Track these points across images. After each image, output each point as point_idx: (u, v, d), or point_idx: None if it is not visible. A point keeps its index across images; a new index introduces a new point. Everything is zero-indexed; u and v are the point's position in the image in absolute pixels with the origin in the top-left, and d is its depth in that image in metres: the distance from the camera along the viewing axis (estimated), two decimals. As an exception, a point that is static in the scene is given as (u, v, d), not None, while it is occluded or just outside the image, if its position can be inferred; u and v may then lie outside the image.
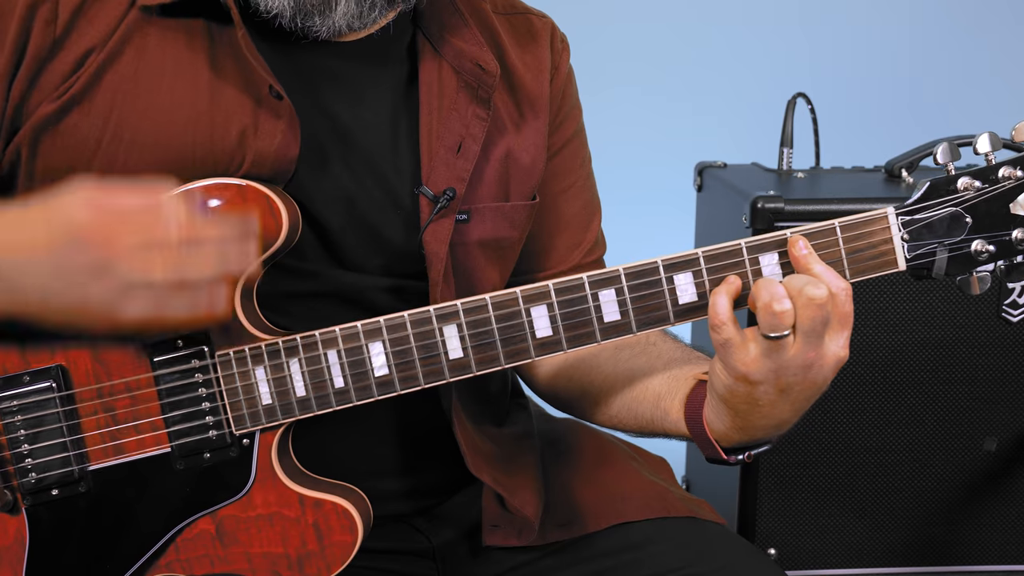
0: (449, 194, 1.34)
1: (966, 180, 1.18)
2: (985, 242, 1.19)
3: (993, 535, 2.09)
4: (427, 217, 1.34)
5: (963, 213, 1.18)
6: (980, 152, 1.18)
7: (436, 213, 1.34)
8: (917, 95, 3.30)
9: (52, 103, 1.27)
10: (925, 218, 1.19)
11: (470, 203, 1.39)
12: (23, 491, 1.28)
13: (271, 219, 1.24)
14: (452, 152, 1.36)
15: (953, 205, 1.18)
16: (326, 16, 1.29)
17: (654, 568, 1.35)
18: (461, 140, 1.36)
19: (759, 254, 1.20)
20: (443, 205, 1.34)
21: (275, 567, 1.29)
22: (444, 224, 1.35)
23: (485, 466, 1.40)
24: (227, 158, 1.28)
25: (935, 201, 1.19)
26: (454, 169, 1.36)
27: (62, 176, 1.26)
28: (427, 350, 1.24)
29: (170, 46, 1.29)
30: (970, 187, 1.18)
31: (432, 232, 1.35)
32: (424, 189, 1.35)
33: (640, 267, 1.21)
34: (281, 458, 1.29)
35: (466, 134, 1.37)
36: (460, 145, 1.36)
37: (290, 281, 1.33)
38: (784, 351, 1.16)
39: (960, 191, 1.18)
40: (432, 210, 1.34)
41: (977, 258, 1.19)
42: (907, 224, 1.19)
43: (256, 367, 1.25)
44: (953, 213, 1.18)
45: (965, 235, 1.19)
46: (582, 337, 1.23)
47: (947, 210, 1.19)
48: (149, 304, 1.12)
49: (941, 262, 1.19)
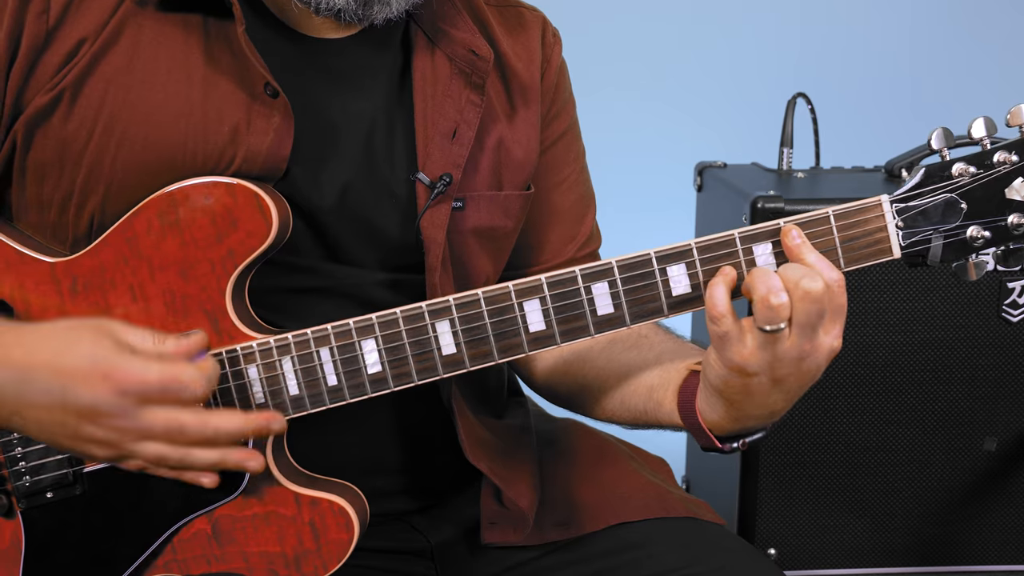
0: (446, 179, 1.33)
1: (961, 166, 1.16)
2: (981, 228, 1.17)
3: (993, 535, 2.08)
4: (423, 203, 1.33)
5: (958, 199, 1.17)
6: (975, 137, 1.17)
7: (433, 199, 1.33)
8: (917, 95, 3.30)
9: (45, 95, 1.25)
10: (919, 205, 1.17)
11: (465, 191, 1.38)
12: (18, 494, 1.26)
13: (260, 218, 1.22)
14: (447, 138, 1.35)
15: (948, 191, 1.17)
16: (385, 4, 1.29)
17: (653, 568, 1.33)
18: (456, 126, 1.36)
19: (752, 244, 1.18)
20: (440, 191, 1.33)
21: (272, 566, 1.27)
22: (441, 210, 1.34)
23: (483, 455, 1.39)
24: (218, 154, 1.26)
25: (929, 188, 1.17)
26: (449, 155, 1.35)
27: (52, 170, 1.25)
28: (420, 346, 1.22)
29: (165, 39, 1.27)
30: (965, 173, 1.16)
31: (429, 218, 1.34)
32: (420, 175, 1.34)
33: (633, 259, 1.20)
34: (277, 457, 1.27)
35: (460, 120, 1.36)
36: (455, 131, 1.35)
37: (285, 277, 1.32)
38: (780, 343, 1.14)
39: (955, 177, 1.17)
40: (428, 197, 1.33)
41: (973, 244, 1.17)
42: (901, 211, 1.18)
43: (248, 366, 1.23)
44: (948, 199, 1.17)
45: (960, 221, 1.17)
46: (575, 331, 1.21)
47: (942, 196, 1.17)
48: (148, 466, 1.18)
49: (936, 249, 1.17)
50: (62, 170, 1.26)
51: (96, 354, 1.12)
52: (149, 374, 1.12)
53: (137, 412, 1.13)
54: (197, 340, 1.18)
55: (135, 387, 1.12)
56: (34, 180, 1.28)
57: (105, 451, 1.16)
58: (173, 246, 1.22)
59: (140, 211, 1.23)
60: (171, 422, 1.14)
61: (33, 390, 1.13)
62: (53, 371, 1.13)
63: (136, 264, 1.23)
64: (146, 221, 1.22)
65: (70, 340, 1.14)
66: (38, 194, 1.28)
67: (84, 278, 1.24)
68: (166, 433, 1.14)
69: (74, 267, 1.24)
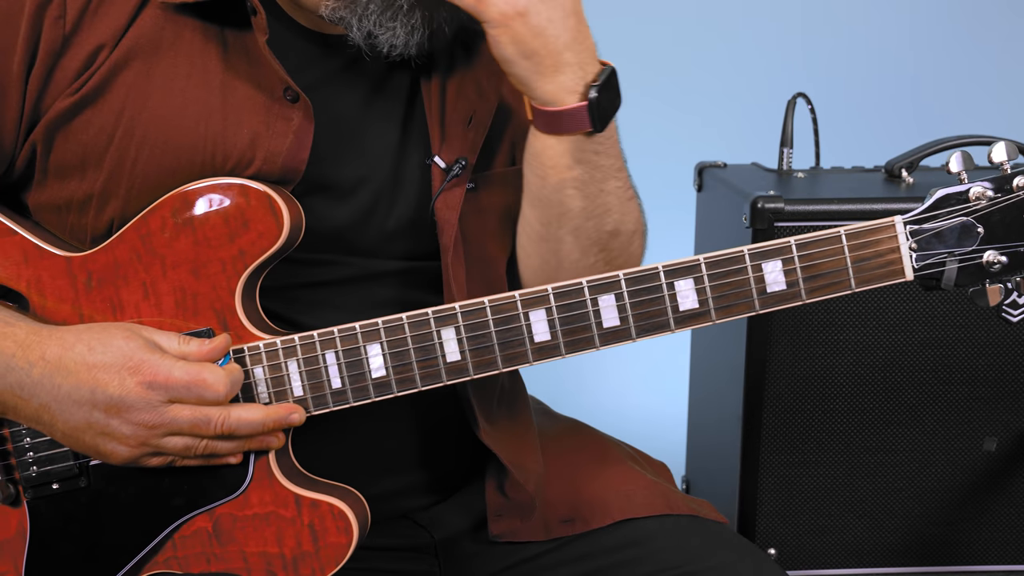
0: (462, 163, 1.32)
1: (978, 189, 1.12)
2: (998, 253, 1.13)
3: (993, 535, 2.05)
4: (438, 187, 1.32)
5: (975, 223, 1.13)
6: (995, 161, 1.12)
7: (448, 181, 1.31)
8: (917, 95, 3.26)
9: (66, 99, 1.24)
10: (934, 227, 1.14)
11: (477, 171, 1.36)
12: (25, 484, 1.25)
13: (272, 219, 1.21)
14: (463, 123, 1.33)
15: (964, 214, 1.13)
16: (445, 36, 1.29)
17: (656, 565, 1.32)
18: (473, 111, 1.34)
19: (762, 261, 1.15)
20: (456, 174, 1.31)
21: (270, 567, 1.25)
22: (455, 193, 1.32)
23: (495, 435, 1.36)
24: (237, 157, 1.24)
25: (945, 210, 1.13)
26: (465, 140, 1.33)
27: (74, 172, 1.25)
28: (424, 352, 1.20)
29: (184, 44, 1.25)
30: (983, 196, 1.12)
31: (444, 200, 1.32)
32: (436, 159, 1.32)
33: (640, 272, 1.17)
34: (279, 458, 1.25)
35: (479, 104, 1.34)
36: (471, 117, 1.33)
37: (300, 271, 1.30)
38: None
39: (972, 200, 1.13)
40: (443, 180, 1.32)
41: (989, 269, 1.13)
42: (915, 233, 1.14)
43: (255, 367, 1.23)
44: (964, 223, 1.13)
45: (977, 245, 1.13)
46: (580, 342, 1.19)
47: (958, 219, 1.13)
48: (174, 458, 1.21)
49: (951, 272, 1.14)
50: (83, 173, 1.25)
51: (125, 350, 1.16)
52: (175, 372, 1.16)
53: (163, 408, 1.16)
54: (220, 343, 1.20)
55: (162, 383, 1.15)
56: (55, 182, 1.27)
57: (129, 448, 1.18)
58: (186, 244, 1.21)
59: (155, 209, 1.22)
60: (197, 415, 1.17)
61: (65, 384, 1.16)
62: (85, 366, 1.16)
63: (149, 261, 1.22)
64: (160, 219, 1.22)
65: (103, 338, 1.17)
66: (59, 195, 1.27)
67: (99, 273, 1.23)
68: (192, 427, 1.17)
69: (89, 262, 1.23)
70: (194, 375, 1.16)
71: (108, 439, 1.17)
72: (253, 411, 1.19)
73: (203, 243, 1.21)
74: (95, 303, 1.23)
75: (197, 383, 1.16)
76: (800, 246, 1.15)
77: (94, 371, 1.15)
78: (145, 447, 1.18)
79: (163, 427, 1.16)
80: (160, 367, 1.15)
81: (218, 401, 1.17)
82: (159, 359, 1.16)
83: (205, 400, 1.17)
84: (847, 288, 1.15)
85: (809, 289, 1.15)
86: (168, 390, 1.15)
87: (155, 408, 1.16)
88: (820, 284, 1.16)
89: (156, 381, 1.15)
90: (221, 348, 1.19)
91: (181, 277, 1.21)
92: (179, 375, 1.15)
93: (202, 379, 1.16)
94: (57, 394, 1.16)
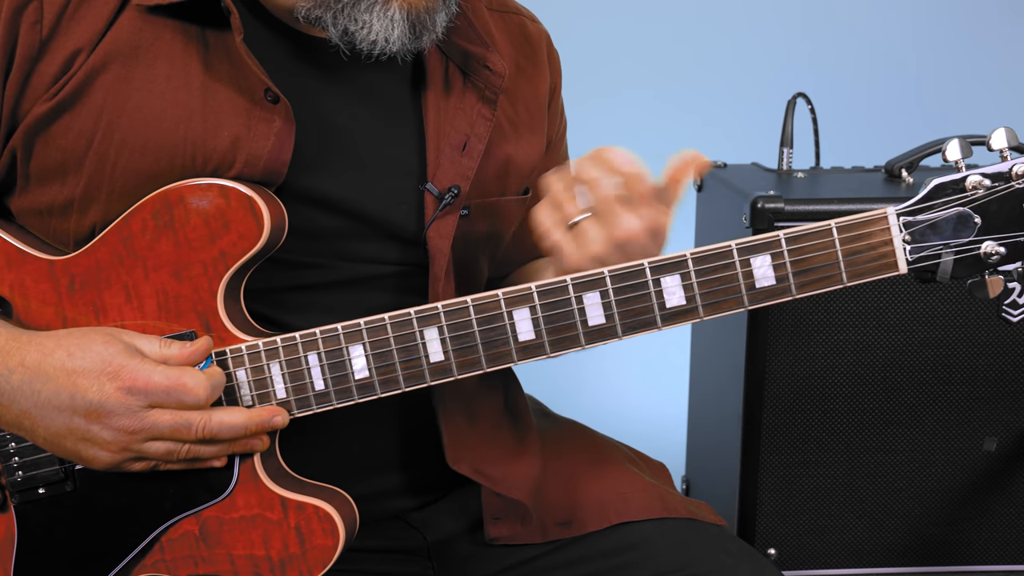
0: (454, 191, 1.30)
1: (975, 179, 1.08)
2: (996, 243, 1.09)
3: (993, 535, 2.03)
4: (431, 213, 1.30)
5: (971, 213, 1.09)
6: (994, 149, 1.09)
7: (441, 210, 1.29)
8: (917, 95, 3.24)
9: (44, 104, 1.22)
10: (929, 219, 1.10)
11: (471, 199, 1.35)
12: (11, 489, 1.25)
13: (252, 220, 1.19)
14: (457, 150, 1.32)
15: (960, 205, 1.09)
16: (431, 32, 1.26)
17: (653, 569, 1.31)
18: (466, 139, 1.32)
19: (750, 255, 1.12)
20: (448, 202, 1.29)
21: (257, 569, 1.23)
22: (448, 221, 1.31)
23: (467, 458, 1.34)
24: (218, 159, 1.22)
25: (940, 200, 1.10)
26: (459, 167, 1.31)
27: (55, 177, 1.23)
28: (407, 353, 1.18)
29: (164, 46, 1.23)
30: (980, 186, 1.08)
31: (436, 228, 1.30)
32: (430, 186, 1.30)
33: (626, 269, 1.15)
34: (265, 460, 1.23)
35: (471, 133, 1.32)
36: (465, 144, 1.32)
37: (289, 273, 1.28)
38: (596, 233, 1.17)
39: (968, 190, 1.09)
40: (436, 207, 1.30)
41: (987, 260, 1.10)
42: (909, 225, 1.11)
43: (237, 369, 1.21)
44: (960, 213, 1.09)
45: (974, 236, 1.10)
46: (565, 340, 1.17)
47: (953, 210, 1.09)
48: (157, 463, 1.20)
49: (947, 265, 1.10)
50: (64, 177, 1.23)
51: (105, 355, 1.15)
52: (155, 376, 1.14)
53: (143, 413, 1.15)
54: (201, 346, 1.18)
55: (141, 388, 1.14)
56: (37, 187, 1.25)
57: (111, 454, 1.16)
58: (167, 247, 1.20)
59: (136, 211, 1.21)
60: (178, 420, 1.15)
61: (44, 390, 1.15)
62: (64, 371, 1.15)
63: (131, 263, 1.21)
64: (141, 221, 1.20)
65: (82, 343, 1.16)
66: (40, 200, 1.25)
67: (81, 276, 1.22)
68: (173, 432, 1.16)
69: (72, 266, 1.22)
70: (174, 379, 1.14)
71: (89, 445, 1.15)
72: (235, 414, 1.18)
73: (184, 245, 1.19)
74: (78, 306, 1.21)
75: (177, 387, 1.14)
76: (789, 240, 1.12)
77: (73, 376, 1.14)
78: (127, 452, 1.16)
79: (144, 432, 1.15)
80: (140, 372, 1.14)
81: (199, 405, 1.15)
82: (139, 364, 1.14)
83: (185, 404, 1.15)
84: (838, 282, 1.12)
85: (799, 284, 1.13)
86: (148, 395, 1.14)
87: (135, 413, 1.14)
88: (810, 278, 1.13)
89: (135, 386, 1.14)
90: (202, 351, 1.18)
91: (163, 279, 1.20)
92: (159, 380, 1.14)
93: (182, 383, 1.14)
94: (37, 400, 1.15)
